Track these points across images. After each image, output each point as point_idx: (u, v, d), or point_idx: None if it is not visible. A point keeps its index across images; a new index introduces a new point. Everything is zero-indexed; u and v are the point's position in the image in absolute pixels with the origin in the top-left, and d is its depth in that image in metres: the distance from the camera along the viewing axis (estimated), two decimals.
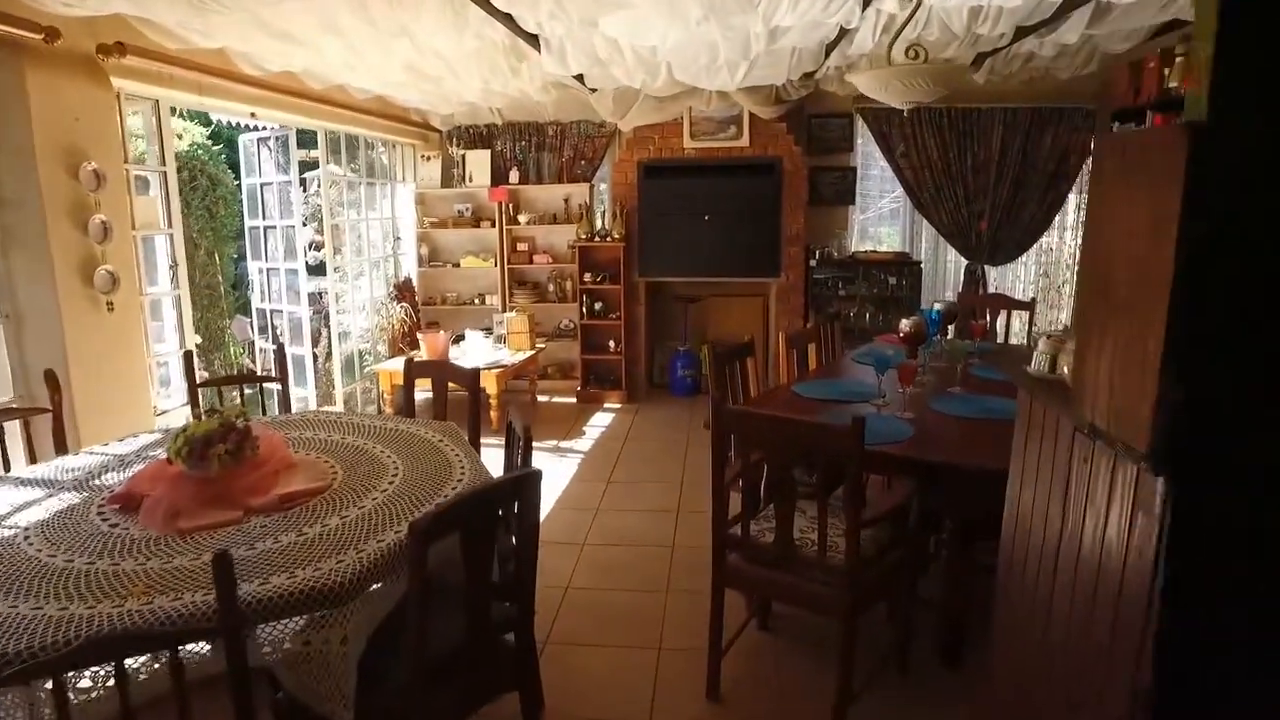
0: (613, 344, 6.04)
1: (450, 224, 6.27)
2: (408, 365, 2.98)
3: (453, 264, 6.35)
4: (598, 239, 5.85)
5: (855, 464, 1.95)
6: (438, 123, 6.27)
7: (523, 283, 6.31)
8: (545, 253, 6.22)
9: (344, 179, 5.50)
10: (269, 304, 5.28)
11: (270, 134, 4.94)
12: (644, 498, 4.06)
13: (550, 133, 6.15)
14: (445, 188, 6.31)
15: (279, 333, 5.25)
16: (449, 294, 6.46)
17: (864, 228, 6.25)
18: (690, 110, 5.63)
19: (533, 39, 3.50)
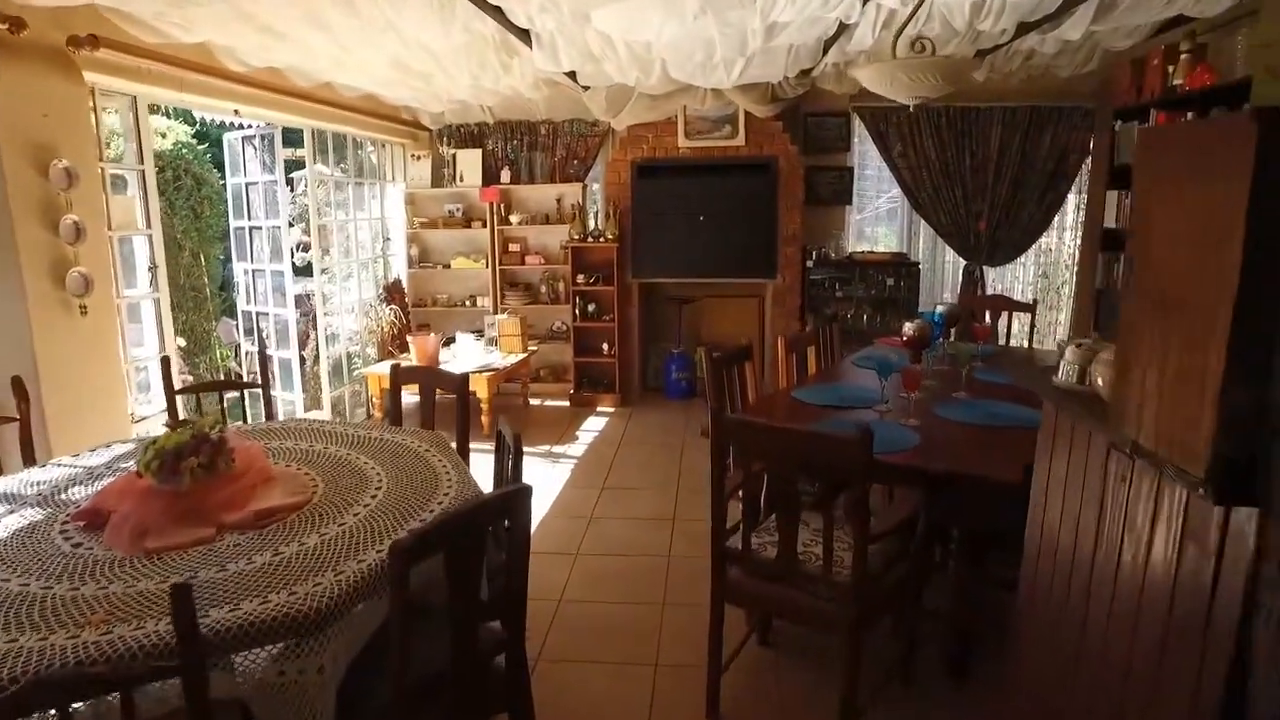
0: (606, 346, 5.94)
1: (441, 224, 6.16)
2: (394, 371, 2.88)
3: (443, 265, 6.24)
4: (591, 240, 5.75)
5: (863, 476, 1.86)
6: (428, 121, 6.16)
7: (514, 284, 6.20)
8: (537, 254, 6.11)
9: (332, 178, 5.39)
10: (254, 306, 5.16)
11: (255, 132, 4.82)
12: (639, 504, 3.96)
13: (542, 132, 6.05)
14: (436, 187, 6.20)
15: (264, 336, 5.12)
16: (439, 296, 6.35)
17: (860, 228, 6.17)
18: (685, 109, 5.54)
19: (523, 34, 3.41)
